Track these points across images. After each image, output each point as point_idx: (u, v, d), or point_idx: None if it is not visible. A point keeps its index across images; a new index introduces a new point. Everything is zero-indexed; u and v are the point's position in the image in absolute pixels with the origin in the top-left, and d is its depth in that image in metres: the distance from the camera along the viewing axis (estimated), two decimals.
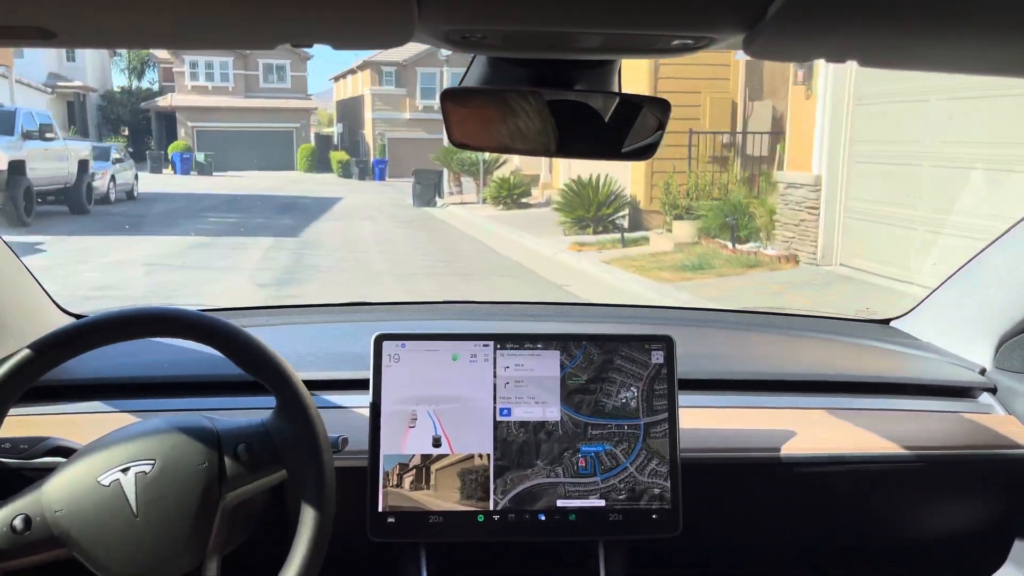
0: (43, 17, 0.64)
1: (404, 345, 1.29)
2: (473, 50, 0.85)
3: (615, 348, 1.31)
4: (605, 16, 0.68)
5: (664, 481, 1.28)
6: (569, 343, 1.31)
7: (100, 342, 1.08)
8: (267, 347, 1.08)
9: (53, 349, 1.06)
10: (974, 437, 1.47)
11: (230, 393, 1.42)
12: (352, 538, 1.23)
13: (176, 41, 0.81)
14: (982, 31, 0.65)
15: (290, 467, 1.07)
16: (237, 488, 1.06)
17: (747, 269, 9.20)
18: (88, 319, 1.08)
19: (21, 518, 1.03)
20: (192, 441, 1.07)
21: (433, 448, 1.27)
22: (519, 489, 1.27)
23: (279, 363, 1.08)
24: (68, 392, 1.41)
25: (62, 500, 1.04)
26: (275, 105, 34.91)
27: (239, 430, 1.09)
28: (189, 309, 1.11)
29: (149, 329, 1.10)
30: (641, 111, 1.01)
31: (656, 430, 1.29)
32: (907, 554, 1.57)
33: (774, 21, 0.62)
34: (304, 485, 1.06)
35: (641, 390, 1.30)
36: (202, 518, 1.04)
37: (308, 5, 0.61)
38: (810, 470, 1.40)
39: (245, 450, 1.06)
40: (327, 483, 1.06)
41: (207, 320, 1.08)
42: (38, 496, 1.05)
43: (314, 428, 1.06)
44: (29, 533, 1.02)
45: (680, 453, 1.29)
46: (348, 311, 1.96)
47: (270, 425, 1.08)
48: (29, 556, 1.03)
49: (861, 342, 1.78)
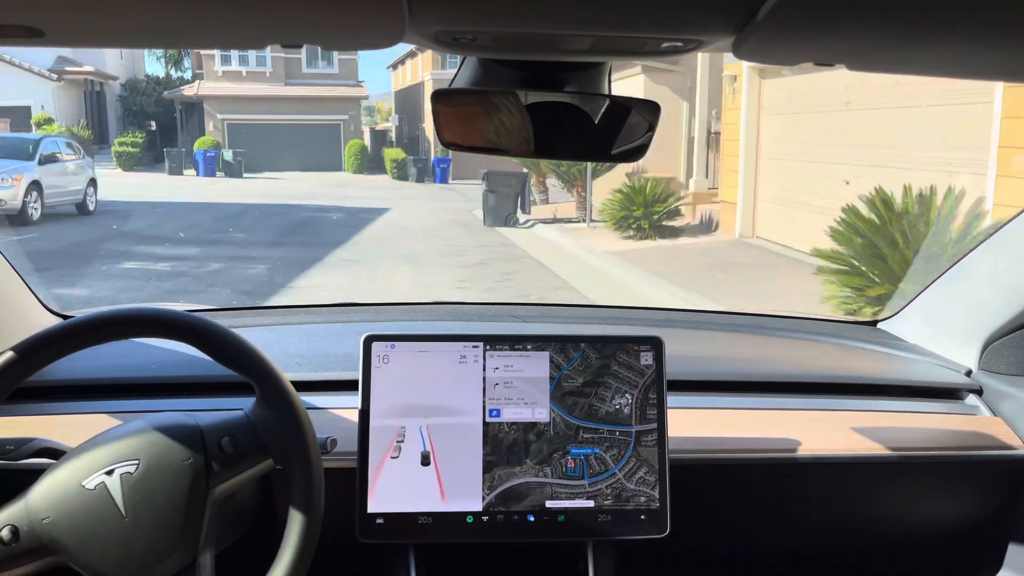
0: (31, 16, 0.64)
1: (393, 346, 1.29)
2: (463, 52, 0.86)
3: (613, 353, 1.31)
4: (595, 18, 0.68)
5: (651, 490, 1.29)
6: (567, 344, 1.31)
7: (85, 343, 1.08)
8: (245, 341, 1.09)
9: (38, 351, 1.06)
10: (960, 439, 1.48)
11: (215, 394, 1.43)
12: (341, 539, 1.24)
13: (164, 40, 0.81)
14: (970, 36, 0.66)
15: (276, 454, 1.07)
16: (225, 481, 1.06)
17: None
18: (72, 320, 1.08)
19: (8, 529, 1.03)
20: (175, 438, 1.07)
21: (422, 448, 1.27)
22: (506, 486, 1.27)
23: (258, 355, 1.08)
24: (54, 393, 1.42)
25: (48, 508, 1.04)
26: (320, 93, 29.32)
27: (222, 423, 1.09)
28: (170, 309, 1.11)
29: (132, 330, 1.10)
30: (631, 113, 1.02)
31: (647, 439, 1.30)
32: (894, 555, 1.60)
33: (763, 24, 0.62)
34: (292, 470, 1.06)
35: (636, 397, 1.31)
36: (192, 513, 1.04)
37: (298, 5, 0.62)
38: (797, 471, 1.42)
39: (229, 443, 1.07)
40: (314, 466, 1.06)
41: (186, 319, 1.09)
42: (24, 505, 1.05)
43: (297, 414, 1.07)
44: (18, 544, 1.03)
45: (669, 454, 1.30)
46: (337, 312, 1.97)
47: (253, 415, 1.09)
48: (20, 566, 1.03)
49: (848, 343, 1.80)
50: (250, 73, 29.17)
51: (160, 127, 29.68)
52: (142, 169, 25.39)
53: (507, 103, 0.97)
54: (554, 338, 1.32)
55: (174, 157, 24.73)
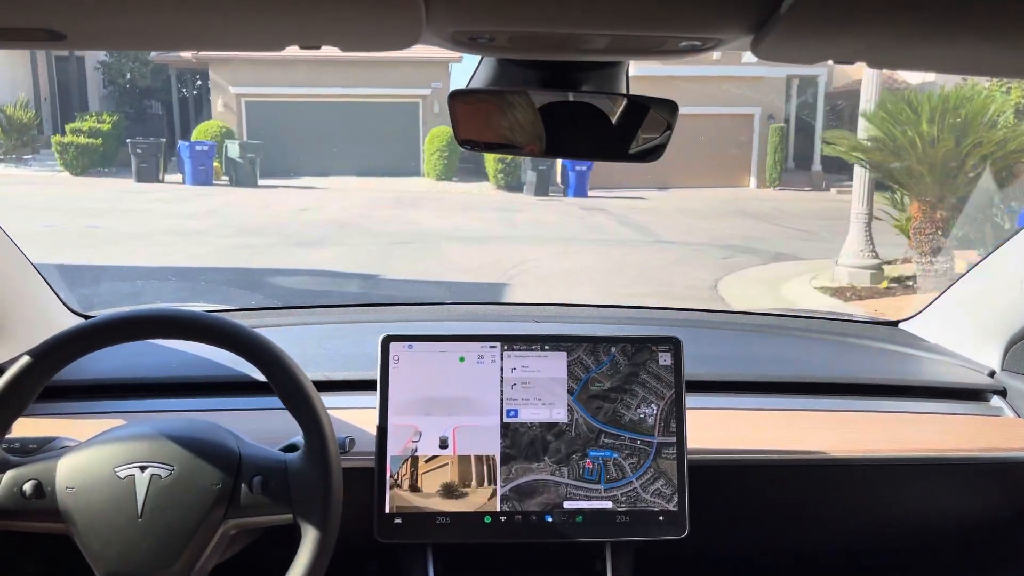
0: (52, 19, 0.65)
1: (411, 346, 1.29)
2: (480, 52, 0.86)
3: (644, 362, 1.31)
4: (612, 17, 0.68)
5: (667, 502, 1.28)
6: (597, 347, 1.31)
7: (107, 343, 1.08)
8: (305, 379, 1.07)
9: (61, 350, 1.06)
10: (984, 440, 1.46)
11: (239, 393, 1.43)
12: (359, 539, 1.23)
13: (186, 42, 0.81)
14: (991, 33, 0.65)
15: (298, 513, 1.07)
16: (240, 518, 1.06)
17: None
18: (95, 320, 1.08)
19: (32, 484, 1.05)
20: (213, 456, 1.07)
21: (440, 449, 1.27)
22: (522, 480, 1.27)
23: (315, 405, 1.07)
24: (76, 392, 1.43)
25: (76, 479, 1.05)
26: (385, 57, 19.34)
27: (260, 460, 1.09)
28: (203, 312, 1.09)
29: (161, 331, 1.09)
30: (648, 112, 1.01)
31: (668, 451, 1.29)
32: (917, 557, 1.58)
33: (782, 22, 0.62)
34: (305, 535, 1.05)
35: (661, 408, 1.30)
36: (200, 537, 1.05)
37: (317, 7, 0.62)
38: (817, 472, 1.41)
39: (260, 483, 1.06)
40: (327, 539, 1.05)
41: (229, 327, 1.07)
42: (53, 467, 1.06)
43: (331, 484, 1.06)
44: (38, 501, 1.04)
45: (688, 455, 1.29)
46: (357, 312, 1.96)
47: (291, 466, 1.08)
48: (29, 522, 1.05)
49: (869, 344, 1.78)
50: None
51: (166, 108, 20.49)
52: (102, 172, 16.12)
53: (524, 102, 0.97)
54: (571, 338, 1.31)
55: (145, 153, 15.25)
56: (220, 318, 1.08)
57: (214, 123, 17.35)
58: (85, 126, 16.34)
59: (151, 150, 15.45)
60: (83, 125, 16.37)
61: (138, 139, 15.70)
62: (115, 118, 17.15)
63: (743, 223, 12.88)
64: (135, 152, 15.29)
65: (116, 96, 20.13)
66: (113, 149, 16.65)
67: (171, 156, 16.59)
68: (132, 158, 15.31)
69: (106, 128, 16.58)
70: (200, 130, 17.06)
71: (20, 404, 1.05)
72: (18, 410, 1.05)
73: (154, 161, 15.45)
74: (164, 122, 20.45)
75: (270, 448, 1.11)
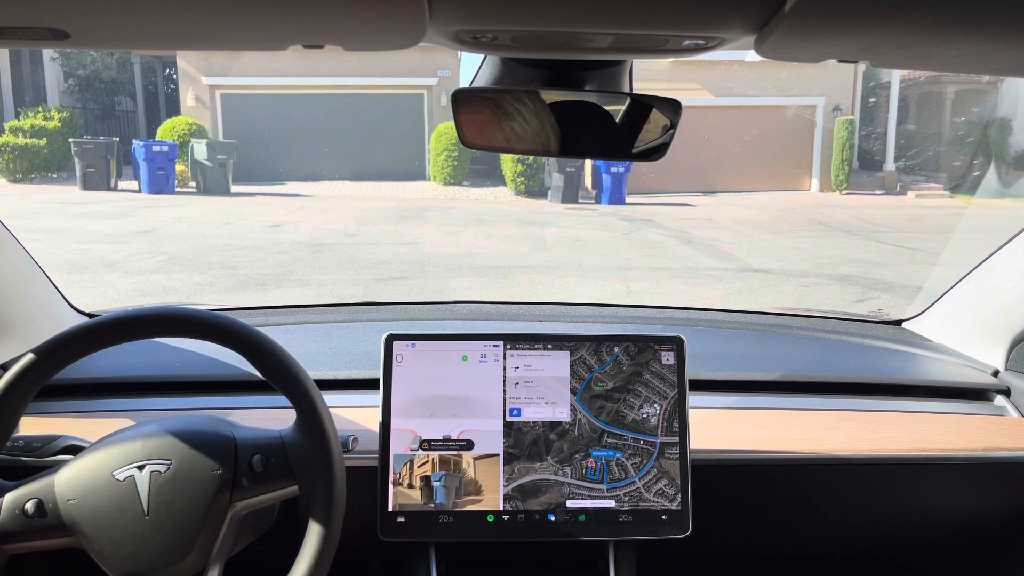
0: (56, 18, 0.64)
1: (414, 345, 1.29)
2: (484, 51, 0.85)
3: (647, 361, 1.30)
4: (615, 16, 0.68)
5: (670, 502, 1.28)
6: (600, 346, 1.30)
7: (111, 342, 1.08)
8: (290, 357, 1.08)
9: (64, 348, 1.06)
10: (987, 439, 1.45)
11: (242, 392, 1.43)
12: (362, 537, 1.24)
13: (189, 42, 0.80)
14: (996, 31, 0.65)
15: (302, 483, 1.07)
16: (248, 498, 1.06)
17: None
18: (99, 319, 1.08)
19: (33, 503, 1.04)
20: (209, 445, 1.07)
21: (442, 462, 1.27)
22: (524, 480, 1.27)
23: (302, 377, 1.07)
24: (80, 390, 1.43)
25: (76, 490, 1.05)
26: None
27: (256, 440, 1.09)
28: (203, 310, 1.10)
29: (164, 330, 1.09)
30: (652, 111, 1.01)
31: (671, 451, 1.29)
32: (921, 556, 1.58)
33: (785, 21, 0.62)
34: (314, 503, 1.06)
35: (664, 408, 1.30)
36: (210, 524, 1.05)
37: (319, 7, 0.62)
38: (821, 471, 1.40)
39: (260, 461, 1.06)
40: (336, 504, 1.06)
41: (225, 322, 1.07)
42: (52, 483, 1.06)
43: (329, 448, 1.06)
44: (40, 519, 1.04)
45: (691, 455, 1.29)
46: (360, 311, 1.95)
47: (287, 439, 1.08)
48: (36, 541, 1.05)
49: (873, 343, 1.78)
50: None
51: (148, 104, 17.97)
52: (49, 178, 13.61)
53: (527, 101, 0.97)
54: (574, 337, 1.31)
55: (91, 155, 12.70)
56: (220, 315, 1.08)
57: (182, 119, 14.78)
58: (27, 124, 13.81)
59: (99, 151, 12.90)
60: (24, 123, 13.84)
61: (84, 138, 13.19)
62: (64, 114, 14.61)
63: (833, 240, 10.21)
64: (79, 154, 12.75)
65: (78, 91, 17.57)
66: (62, 151, 14.14)
67: (130, 159, 14.05)
68: (76, 161, 12.77)
69: (52, 126, 14.05)
70: (165, 128, 14.53)
71: (23, 402, 1.05)
72: (21, 407, 1.05)
73: (104, 165, 12.92)
74: (135, 120, 17.92)
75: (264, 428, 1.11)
